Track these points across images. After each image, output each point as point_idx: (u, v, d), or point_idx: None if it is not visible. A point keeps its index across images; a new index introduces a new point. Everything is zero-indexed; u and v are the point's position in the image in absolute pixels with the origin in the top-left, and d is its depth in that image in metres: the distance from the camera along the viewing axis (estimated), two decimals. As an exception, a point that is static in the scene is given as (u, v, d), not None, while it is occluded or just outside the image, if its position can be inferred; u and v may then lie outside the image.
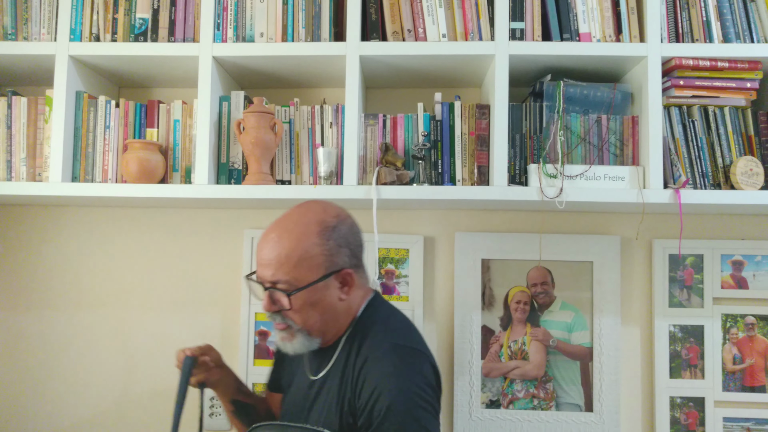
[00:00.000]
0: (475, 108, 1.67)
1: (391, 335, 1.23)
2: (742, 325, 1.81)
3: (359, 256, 1.29)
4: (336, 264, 1.22)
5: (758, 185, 1.58)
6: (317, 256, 1.20)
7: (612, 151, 1.64)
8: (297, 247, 1.20)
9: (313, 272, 1.20)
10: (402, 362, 1.17)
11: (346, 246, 1.24)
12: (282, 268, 1.20)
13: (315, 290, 1.21)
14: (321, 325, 1.24)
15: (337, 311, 1.25)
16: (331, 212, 1.26)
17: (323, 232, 1.21)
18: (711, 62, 1.59)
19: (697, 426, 1.79)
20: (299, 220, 1.23)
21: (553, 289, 1.84)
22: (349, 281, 1.24)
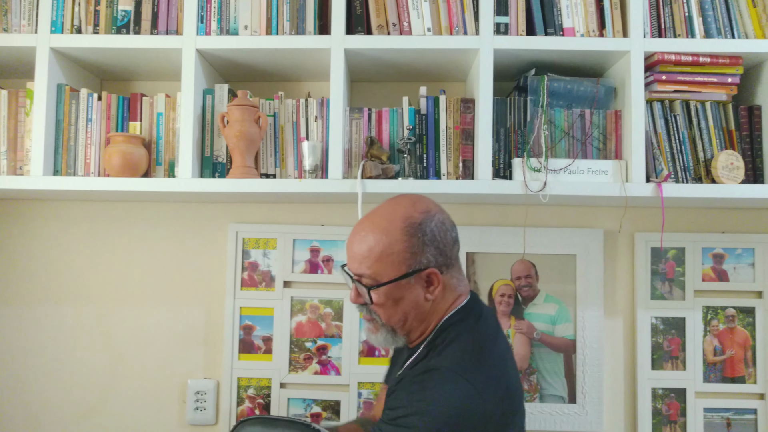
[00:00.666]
0: (460, 102, 1.67)
1: (449, 358, 1.14)
2: (723, 317, 1.84)
3: (449, 254, 1.21)
4: (420, 262, 1.17)
5: (738, 179, 1.60)
6: (400, 253, 1.16)
7: (595, 145, 1.65)
8: (380, 242, 1.17)
9: (396, 269, 1.17)
10: (439, 388, 1.08)
11: (432, 244, 1.18)
12: (365, 262, 1.18)
13: (397, 287, 1.18)
14: (405, 322, 1.21)
15: (423, 311, 1.21)
16: (420, 207, 1.20)
17: (408, 228, 1.17)
18: (693, 57, 1.61)
19: (678, 416, 1.82)
20: (386, 214, 1.20)
21: (537, 282, 1.86)
22: (435, 281, 1.19)
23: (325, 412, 1.86)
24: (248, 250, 1.89)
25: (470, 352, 1.14)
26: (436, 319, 1.21)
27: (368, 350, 1.86)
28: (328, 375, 1.87)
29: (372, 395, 1.85)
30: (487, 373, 1.11)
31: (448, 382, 1.07)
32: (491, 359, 1.15)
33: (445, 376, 1.08)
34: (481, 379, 1.09)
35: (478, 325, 1.21)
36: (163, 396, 1.89)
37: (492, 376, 1.12)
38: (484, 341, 1.18)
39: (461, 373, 1.08)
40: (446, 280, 1.20)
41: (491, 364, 1.14)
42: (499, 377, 1.13)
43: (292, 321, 1.88)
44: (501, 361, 1.16)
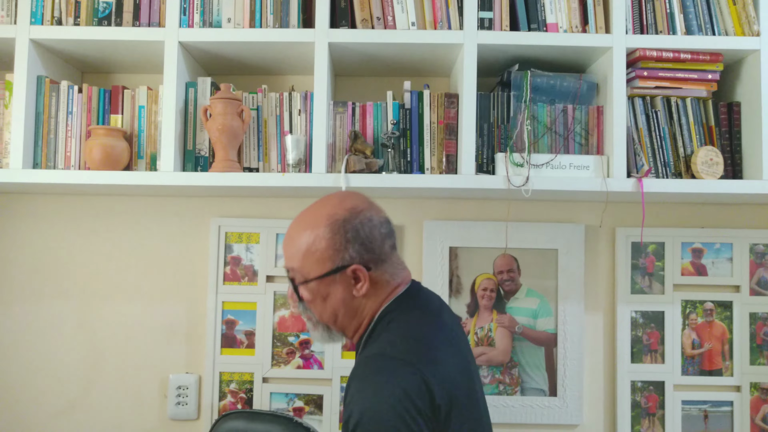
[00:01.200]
0: (444, 97, 1.67)
1: (382, 344, 1.14)
2: (701, 310, 1.87)
3: (378, 251, 1.19)
4: (344, 259, 1.16)
5: (718, 174, 1.62)
6: (324, 250, 1.16)
7: (577, 140, 1.67)
8: (305, 239, 1.18)
9: (320, 266, 1.17)
10: (377, 375, 1.07)
11: (356, 241, 1.17)
12: (293, 259, 1.20)
13: (323, 284, 1.18)
14: (336, 319, 1.21)
15: (353, 307, 1.20)
16: (346, 204, 1.20)
17: (331, 226, 1.17)
18: (674, 54, 1.63)
19: (657, 409, 1.85)
20: (313, 212, 1.21)
21: (519, 276, 1.87)
22: (361, 278, 1.17)
23: (307, 407, 1.86)
24: (231, 245, 1.89)
25: (406, 336, 1.14)
26: (370, 314, 1.21)
27: (351, 344, 1.86)
28: (310, 369, 1.87)
29: (355, 389, 1.85)
30: (425, 354, 1.11)
31: (385, 368, 1.08)
32: (429, 342, 1.14)
33: (380, 363, 1.09)
34: (412, 354, 1.09)
35: (413, 311, 1.20)
36: (145, 391, 1.88)
37: (430, 357, 1.11)
38: (420, 326, 1.17)
39: (397, 356, 1.08)
40: (376, 276, 1.19)
41: (429, 346, 1.13)
42: (436, 360, 1.11)
43: (275, 315, 1.88)
44: (443, 344, 1.16)
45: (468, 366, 1.20)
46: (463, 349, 1.22)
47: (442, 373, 1.09)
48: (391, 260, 1.22)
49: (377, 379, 1.06)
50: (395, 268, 1.23)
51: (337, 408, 1.85)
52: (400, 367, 1.07)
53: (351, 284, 1.18)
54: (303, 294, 1.20)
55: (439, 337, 1.17)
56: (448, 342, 1.17)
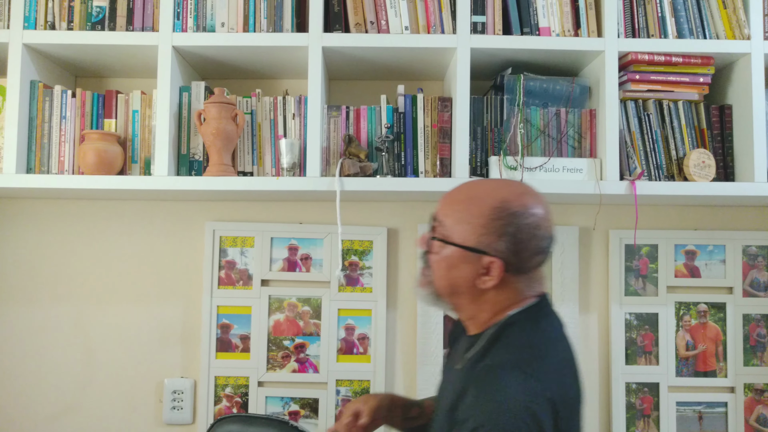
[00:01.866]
0: (438, 101, 1.68)
1: (509, 354, 1.07)
2: (695, 312, 1.88)
3: (523, 261, 1.11)
4: (488, 246, 1.10)
5: (710, 177, 1.63)
6: (477, 226, 1.11)
7: (570, 143, 1.68)
8: (468, 203, 1.13)
9: (464, 236, 1.11)
10: (503, 389, 1.01)
11: (511, 238, 1.09)
12: (446, 213, 1.15)
13: (457, 254, 1.12)
14: (452, 294, 1.16)
15: (475, 294, 1.14)
16: (525, 201, 1.12)
17: (498, 209, 1.10)
18: (666, 57, 1.64)
19: (651, 410, 1.85)
20: (492, 186, 1.15)
21: (514, 279, 1.87)
22: (492, 273, 1.10)
23: (303, 410, 1.86)
24: (225, 249, 1.88)
25: (530, 349, 1.08)
26: (493, 311, 1.14)
27: (346, 348, 1.87)
28: (306, 373, 1.87)
29: (350, 392, 1.86)
30: (554, 375, 1.05)
31: (513, 378, 1.01)
32: (550, 360, 1.07)
33: (507, 377, 1.02)
34: (541, 373, 1.03)
35: (541, 325, 1.13)
36: (140, 395, 1.88)
37: (559, 379, 1.06)
38: (547, 342, 1.11)
39: (519, 368, 1.02)
40: (510, 281, 1.12)
41: (557, 366, 1.08)
42: (564, 382, 1.07)
43: (270, 319, 1.88)
44: (560, 365, 1.09)
45: (582, 389, 1.15)
46: (579, 369, 1.17)
47: (568, 397, 1.06)
48: (532, 274, 1.15)
49: (503, 392, 1.00)
50: (532, 281, 1.15)
51: (333, 412, 1.85)
52: (529, 383, 1.00)
53: (479, 273, 1.12)
54: (434, 248, 1.15)
55: (565, 356, 1.12)
56: (571, 362, 1.13)
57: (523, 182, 1.19)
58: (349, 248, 1.89)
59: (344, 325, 1.88)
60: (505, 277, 1.11)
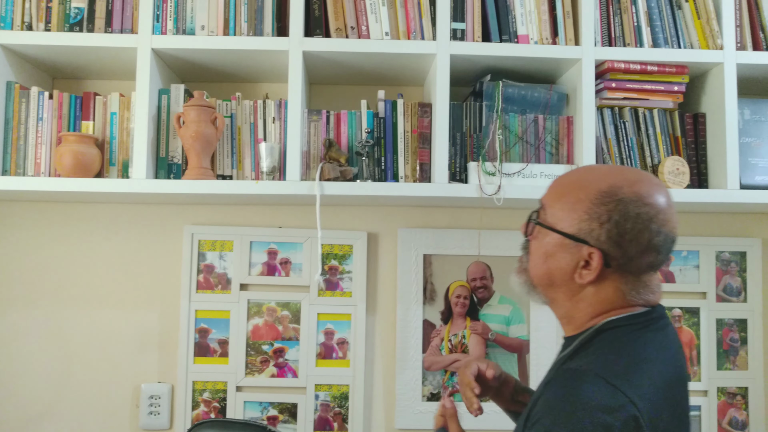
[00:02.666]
0: (418, 106, 1.69)
1: (598, 360, 0.97)
2: (670, 317, 1.90)
3: (629, 254, 0.99)
4: (588, 234, 0.99)
5: (684, 184, 1.66)
6: (578, 211, 1.01)
7: (548, 150, 1.70)
8: (574, 187, 1.03)
9: (565, 222, 1.02)
10: (582, 399, 0.90)
11: (615, 228, 0.98)
12: (550, 196, 1.07)
13: (556, 241, 1.03)
14: (547, 284, 1.07)
15: (572, 288, 1.04)
16: (638, 188, 1.00)
17: (604, 194, 1.00)
18: (641, 66, 1.67)
19: (627, 414, 1.87)
20: (606, 170, 1.05)
21: (492, 283, 1.89)
22: (592, 265, 1.00)
23: (282, 415, 1.85)
24: (204, 253, 1.87)
25: (624, 359, 0.96)
26: (591, 313, 1.04)
27: (325, 352, 1.87)
28: (285, 378, 1.86)
29: (329, 397, 1.85)
30: (638, 385, 0.93)
31: (595, 386, 0.91)
32: (645, 377, 0.95)
33: (585, 379, 0.92)
34: (629, 385, 0.92)
35: (641, 338, 1.00)
36: (116, 400, 1.86)
37: (643, 389, 0.93)
38: (643, 357, 0.98)
39: (604, 377, 0.92)
40: (612, 279, 1.01)
41: (644, 381, 0.94)
42: (650, 399, 0.93)
43: (249, 324, 1.87)
44: (656, 386, 0.95)
45: (684, 421, 1.03)
46: (682, 399, 1.04)
47: (659, 422, 0.93)
48: (642, 277, 1.02)
49: (579, 399, 0.90)
50: (641, 286, 1.02)
51: (312, 416, 1.85)
52: (612, 396, 0.90)
53: (578, 264, 1.01)
54: (534, 233, 1.07)
55: (665, 379, 0.98)
56: (673, 387, 1.00)
57: (644, 171, 1.06)
58: (328, 252, 1.89)
59: (323, 330, 1.88)
60: (605, 273, 1.00)
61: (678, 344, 1.07)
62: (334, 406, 1.86)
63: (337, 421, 1.85)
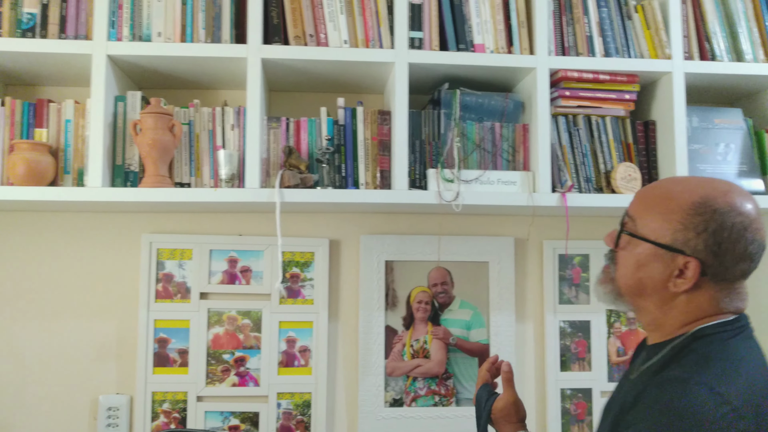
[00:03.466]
0: (377, 114, 1.71)
1: (696, 367, 0.96)
2: (625, 319, 1.95)
3: (725, 264, 1.00)
4: (684, 244, 1.01)
5: (636, 189, 1.70)
6: (673, 222, 1.02)
7: (505, 157, 1.73)
8: (666, 197, 1.05)
9: (658, 232, 1.03)
10: (683, 399, 0.90)
11: (713, 237, 0.99)
12: (640, 204, 1.08)
13: (649, 252, 1.04)
14: (637, 294, 1.08)
15: (664, 297, 1.05)
16: (731, 198, 1.01)
17: (699, 204, 1.01)
18: (594, 75, 1.71)
19: (585, 415, 1.91)
20: (695, 183, 1.05)
21: (453, 288, 1.91)
22: (687, 275, 1.01)
23: (243, 425, 1.84)
24: (163, 261, 1.85)
25: (722, 364, 0.96)
26: (681, 321, 1.05)
27: (287, 360, 1.86)
28: (246, 387, 1.85)
29: (291, 405, 1.85)
30: (741, 391, 0.93)
31: (700, 392, 0.91)
32: (745, 382, 0.95)
33: (687, 387, 0.92)
34: (732, 391, 0.91)
35: (734, 344, 1.01)
36: (74, 413, 1.82)
37: (746, 395, 0.93)
38: (739, 362, 0.98)
39: (707, 384, 0.92)
40: (706, 287, 1.02)
41: (745, 387, 0.94)
42: (754, 405, 0.93)
43: (209, 333, 1.85)
44: (757, 391, 0.95)
45: None
46: None
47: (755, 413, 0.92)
48: (734, 285, 1.04)
49: (686, 405, 0.89)
50: (733, 294, 1.04)
51: (274, 425, 1.84)
52: (719, 403, 0.89)
53: (672, 274, 1.03)
54: (622, 243, 1.08)
55: (764, 384, 0.98)
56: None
57: (730, 182, 1.07)
58: (290, 260, 1.88)
59: (285, 338, 1.87)
60: (701, 281, 1.01)
61: (761, 348, 1.06)
62: (297, 414, 1.85)
63: (300, 429, 1.84)
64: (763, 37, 1.79)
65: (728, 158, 1.76)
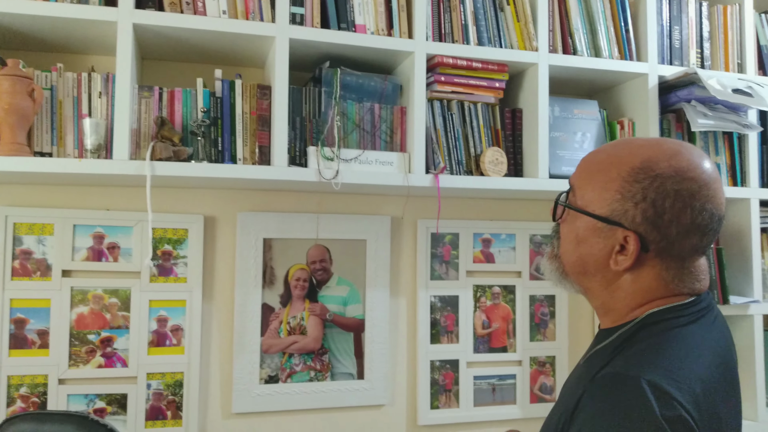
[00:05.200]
0: (257, 88, 1.68)
1: (642, 360, 0.88)
2: (490, 294, 2.08)
3: (669, 238, 0.90)
4: (622, 216, 0.91)
5: (502, 173, 1.82)
6: (610, 191, 0.93)
7: (383, 138, 1.77)
8: (605, 164, 0.95)
9: (596, 203, 0.94)
10: (622, 408, 0.82)
11: (652, 207, 0.89)
12: (579, 176, 0.99)
13: (587, 225, 0.96)
14: (581, 271, 1.00)
15: (608, 278, 0.96)
16: (677, 162, 0.90)
17: (639, 171, 0.91)
18: (467, 62, 1.79)
19: (453, 385, 2.03)
20: (641, 143, 0.95)
21: (331, 265, 1.94)
22: (628, 250, 0.92)
23: (110, 407, 1.76)
24: (20, 236, 1.72)
25: (670, 358, 0.88)
26: (630, 304, 0.96)
27: (158, 340, 1.80)
28: (113, 368, 1.77)
29: (162, 385, 1.80)
30: (688, 385, 0.85)
31: (633, 393, 0.83)
32: (691, 372, 0.87)
33: (629, 386, 0.84)
34: (678, 389, 0.83)
35: (691, 330, 0.92)
36: None
37: (692, 383, 0.85)
38: (691, 350, 0.89)
39: (651, 382, 0.83)
40: (651, 265, 0.93)
41: (692, 376, 0.86)
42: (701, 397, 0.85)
43: (72, 312, 1.75)
44: (706, 381, 0.87)
45: (738, 410, 0.96)
46: (736, 388, 0.97)
47: (710, 422, 0.84)
48: (687, 263, 0.94)
49: (629, 416, 0.81)
50: (685, 273, 0.94)
51: (143, 406, 1.78)
52: (662, 397, 0.82)
53: (614, 249, 0.94)
54: (564, 216, 1.01)
55: (713, 374, 0.90)
56: (724, 384, 0.92)
57: (686, 142, 0.98)
58: (162, 237, 1.82)
59: (156, 317, 1.81)
60: (644, 258, 0.92)
61: (726, 333, 0.99)
62: (168, 395, 1.80)
63: (171, 410, 1.80)
64: (618, 36, 1.96)
65: (584, 146, 1.92)
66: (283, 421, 1.89)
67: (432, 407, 2.00)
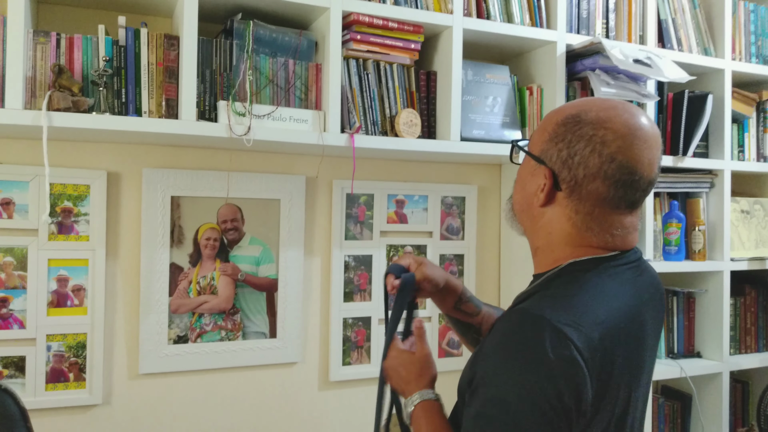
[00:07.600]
0: (164, 38, 1.61)
1: (546, 304, 0.93)
2: (402, 253, 2.13)
3: (582, 179, 0.95)
4: (546, 155, 1.00)
5: (416, 134, 1.84)
6: (545, 134, 1.01)
7: (297, 95, 1.75)
8: (553, 113, 1.04)
9: (534, 145, 1.03)
10: (518, 341, 0.89)
11: (566, 148, 0.97)
12: (540, 123, 1.07)
13: (526, 164, 1.06)
14: (519, 210, 1.08)
15: (534, 215, 1.03)
16: (605, 114, 0.96)
17: (570, 117, 0.98)
18: (383, 21, 1.78)
19: (364, 341, 2.07)
20: (594, 100, 1.02)
21: (243, 225, 1.91)
22: (544, 187, 0.99)
23: (6, 370, 1.68)
24: None
25: (576, 302, 0.92)
26: (553, 250, 1.01)
27: (59, 301, 1.72)
28: (9, 330, 1.68)
29: (63, 347, 1.72)
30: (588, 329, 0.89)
31: (532, 326, 0.89)
32: (601, 321, 0.91)
33: (530, 320, 0.90)
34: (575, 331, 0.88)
35: (604, 279, 0.97)
36: None
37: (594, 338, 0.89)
38: (601, 298, 0.94)
39: (552, 320, 0.88)
40: (565, 206, 0.98)
41: (595, 322, 0.91)
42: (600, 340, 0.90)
43: (-39, 272, 1.64)
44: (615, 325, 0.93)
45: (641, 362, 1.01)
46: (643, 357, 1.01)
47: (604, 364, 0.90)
48: (596, 212, 0.97)
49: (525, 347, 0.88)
50: (595, 223, 0.97)
51: (43, 369, 1.71)
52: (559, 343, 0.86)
53: (540, 187, 1.00)
54: (519, 159, 1.10)
55: (620, 325, 0.94)
56: (630, 336, 0.96)
57: (635, 106, 1.02)
58: (61, 193, 1.72)
59: (56, 277, 1.73)
60: (557, 197, 0.99)
61: (651, 290, 1.04)
62: (70, 356, 1.74)
63: (74, 372, 1.74)
64: (531, 3, 2.01)
65: (495, 110, 1.97)
66: (193, 380, 1.87)
67: (344, 363, 2.04)
